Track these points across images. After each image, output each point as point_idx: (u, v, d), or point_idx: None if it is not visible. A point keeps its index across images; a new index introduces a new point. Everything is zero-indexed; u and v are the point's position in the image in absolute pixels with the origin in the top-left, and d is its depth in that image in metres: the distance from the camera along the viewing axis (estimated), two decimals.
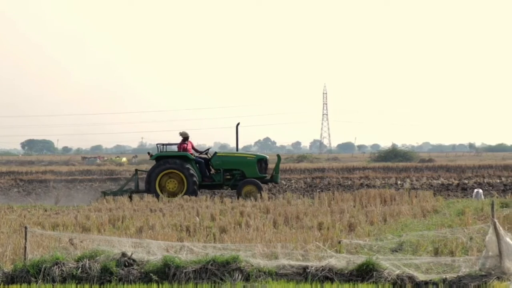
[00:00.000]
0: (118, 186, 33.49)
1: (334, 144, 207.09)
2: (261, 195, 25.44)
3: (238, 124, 28.67)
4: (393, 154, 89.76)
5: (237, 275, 12.15)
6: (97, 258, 12.61)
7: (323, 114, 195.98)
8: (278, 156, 29.79)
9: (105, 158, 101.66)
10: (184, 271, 12.28)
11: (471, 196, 27.16)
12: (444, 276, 11.73)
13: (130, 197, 26.44)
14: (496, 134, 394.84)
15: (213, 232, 16.00)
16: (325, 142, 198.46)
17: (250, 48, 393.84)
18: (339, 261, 12.29)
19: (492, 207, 12.10)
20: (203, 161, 27.85)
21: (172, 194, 26.61)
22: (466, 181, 39.61)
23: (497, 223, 11.71)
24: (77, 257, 12.70)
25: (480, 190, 26.91)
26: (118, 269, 12.45)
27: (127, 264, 12.56)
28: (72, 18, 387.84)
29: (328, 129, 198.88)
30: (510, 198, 24.43)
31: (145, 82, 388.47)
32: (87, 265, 12.49)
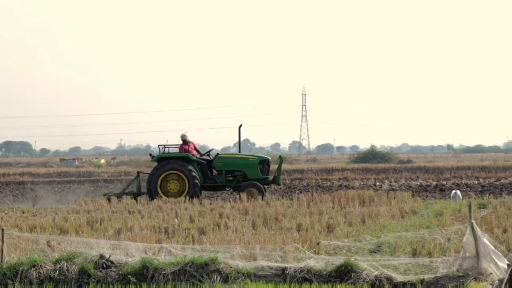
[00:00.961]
0: (118, 189, 33.25)
1: (313, 145, 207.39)
2: (262, 198, 25.48)
3: (240, 125, 28.73)
4: (372, 155, 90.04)
5: (215, 276, 12.14)
6: (75, 260, 12.56)
7: (302, 116, 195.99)
8: (280, 157, 29.79)
9: (84, 160, 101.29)
10: (163, 273, 12.26)
11: (449, 197, 27.31)
12: (422, 277, 11.78)
13: (135, 199, 26.45)
14: (474, 135, 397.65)
15: (191, 234, 15.97)
16: (304, 143, 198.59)
17: (229, 50, 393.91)
18: (317, 262, 12.31)
19: (470, 208, 12.17)
20: (205, 162, 27.79)
21: (174, 196, 26.45)
22: (444, 182, 39.83)
23: (475, 224, 11.78)
24: (54, 259, 12.65)
25: (458, 191, 27.08)
26: (96, 271, 12.40)
27: (105, 266, 12.52)
28: (51, 17, 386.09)
29: (307, 130, 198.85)
30: (488, 199, 24.61)
31: (124, 83, 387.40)
32: (64, 267, 12.43)
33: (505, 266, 11.38)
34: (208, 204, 23.36)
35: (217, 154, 28.45)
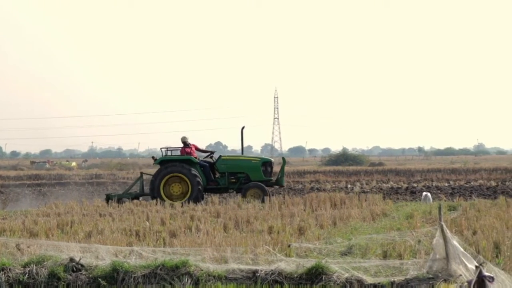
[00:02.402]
0: (121, 190, 33.03)
1: (285, 148, 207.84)
2: (263, 200, 25.45)
3: (243, 127, 28.76)
4: (344, 158, 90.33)
5: (186, 279, 12.10)
6: (45, 263, 12.46)
7: (274, 118, 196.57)
8: (283, 159, 29.84)
9: (55, 163, 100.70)
10: (133, 276, 12.19)
11: (420, 200, 27.47)
12: (392, 279, 11.81)
13: (136, 199, 26.41)
14: (444, 138, 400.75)
15: (163, 237, 15.92)
16: (276, 146, 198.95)
17: (201, 52, 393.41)
18: (288, 264, 12.31)
19: (440, 211, 12.24)
20: (207, 164, 27.78)
21: (177, 198, 26.39)
22: (415, 185, 40.06)
23: (444, 226, 11.84)
24: (24, 263, 12.53)
25: (429, 194, 27.25)
26: (66, 274, 12.30)
27: (75, 269, 12.42)
28: (24, 16, 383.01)
29: (280, 133, 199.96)
30: (458, 201, 24.77)
31: (96, 85, 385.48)
32: (34, 270, 12.32)
33: (474, 268, 11.45)
34: (179, 206, 23.30)
35: (220, 156, 28.50)
